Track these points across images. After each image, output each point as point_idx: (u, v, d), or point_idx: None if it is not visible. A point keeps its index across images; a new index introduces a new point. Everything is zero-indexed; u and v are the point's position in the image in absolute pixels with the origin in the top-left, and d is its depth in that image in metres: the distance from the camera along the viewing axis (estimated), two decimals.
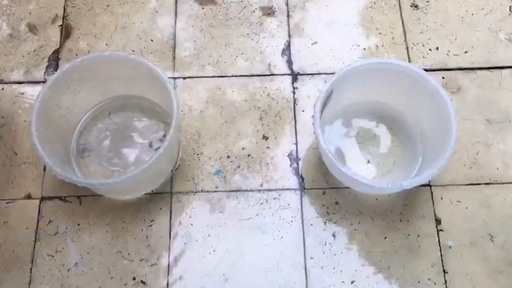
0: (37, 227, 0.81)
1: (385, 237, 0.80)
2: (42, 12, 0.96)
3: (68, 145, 0.83)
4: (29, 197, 0.82)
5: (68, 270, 0.78)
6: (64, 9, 0.96)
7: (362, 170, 0.82)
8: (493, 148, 0.85)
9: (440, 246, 0.79)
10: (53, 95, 0.77)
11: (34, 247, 0.80)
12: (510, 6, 0.96)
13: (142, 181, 0.80)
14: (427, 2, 0.96)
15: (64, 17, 0.96)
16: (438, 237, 0.80)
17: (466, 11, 0.95)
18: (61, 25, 0.95)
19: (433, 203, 0.82)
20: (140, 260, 0.79)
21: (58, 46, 0.93)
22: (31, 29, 0.95)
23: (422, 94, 0.78)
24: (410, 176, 0.81)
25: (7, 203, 0.82)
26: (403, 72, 0.77)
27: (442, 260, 0.78)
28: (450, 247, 0.79)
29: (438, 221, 0.81)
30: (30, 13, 0.96)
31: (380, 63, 0.77)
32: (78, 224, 0.81)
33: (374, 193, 0.82)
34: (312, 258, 0.79)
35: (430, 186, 0.83)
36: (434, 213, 0.81)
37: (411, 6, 0.96)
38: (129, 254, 0.79)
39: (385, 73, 0.78)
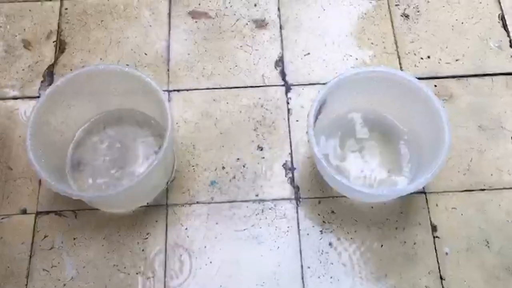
0: (32, 242, 0.80)
1: (382, 245, 0.80)
2: (37, 29, 0.97)
3: (63, 159, 0.83)
4: (24, 212, 0.82)
5: (64, 284, 0.78)
6: (59, 25, 0.97)
7: (357, 178, 0.82)
8: (487, 155, 0.85)
9: (436, 253, 0.79)
10: (48, 109, 0.77)
11: (30, 262, 0.79)
12: (498, 15, 0.97)
13: (137, 194, 0.80)
14: (418, 12, 0.98)
15: (58, 33, 0.96)
16: (435, 244, 0.80)
17: (456, 20, 0.97)
18: (55, 41, 0.96)
19: (428, 210, 0.82)
20: (137, 273, 0.78)
21: (53, 61, 0.94)
22: (25, 46, 0.95)
23: (414, 102, 0.78)
24: (405, 183, 0.81)
25: (2, 218, 0.82)
26: (396, 81, 0.78)
27: (439, 267, 0.78)
28: (446, 253, 0.79)
29: (434, 228, 0.81)
30: (24, 29, 0.97)
31: (373, 72, 0.78)
32: (74, 238, 0.81)
33: (370, 201, 0.82)
34: (309, 267, 0.79)
35: (425, 193, 0.83)
36: (430, 220, 0.81)
37: (402, 16, 0.97)
38: (125, 267, 0.79)
39: (378, 81, 0.79)
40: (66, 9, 0.99)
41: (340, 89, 0.78)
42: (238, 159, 0.86)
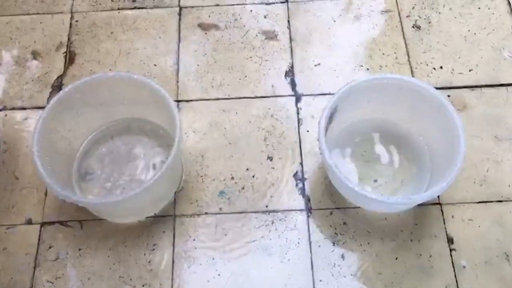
0: (37, 253, 0.79)
1: (396, 258, 0.77)
2: (47, 40, 0.97)
3: (70, 168, 0.82)
4: (29, 222, 0.81)
5: None
6: (69, 36, 0.97)
7: (369, 189, 0.80)
8: (503, 165, 0.83)
9: (453, 266, 0.76)
10: (56, 115, 0.76)
11: (34, 274, 0.77)
12: None
13: (144, 203, 0.78)
14: (429, 23, 0.97)
15: (68, 45, 0.96)
16: (451, 256, 0.77)
17: (469, 30, 0.96)
18: (65, 52, 0.96)
19: (444, 222, 0.79)
20: (143, 286, 0.76)
21: (62, 72, 0.94)
22: (35, 57, 0.95)
23: (428, 109, 0.77)
24: (419, 193, 0.79)
25: (7, 228, 0.80)
26: (408, 88, 0.77)
27: (456, 280, 0.75)
28: (464, 267, 0.76)
29: (450, 240, 0.78)
30: (35, 41, 0.97)
31: (385, 79, 0.77)
32: (79, 249, 0.79)
33: (383, 211, 0.79)
34: (321, 280, 0.76)
35: (441, 204, 0.80)
36: (446, 232, 0.78)
37: (413, 27, 0.97)
38: (131, 279, 0.77)
39: (390, 89, 0.78)
40: (77, 21, 0.99)
41: (351, 96, 0.77)
42: (247, 169, 0.84)
